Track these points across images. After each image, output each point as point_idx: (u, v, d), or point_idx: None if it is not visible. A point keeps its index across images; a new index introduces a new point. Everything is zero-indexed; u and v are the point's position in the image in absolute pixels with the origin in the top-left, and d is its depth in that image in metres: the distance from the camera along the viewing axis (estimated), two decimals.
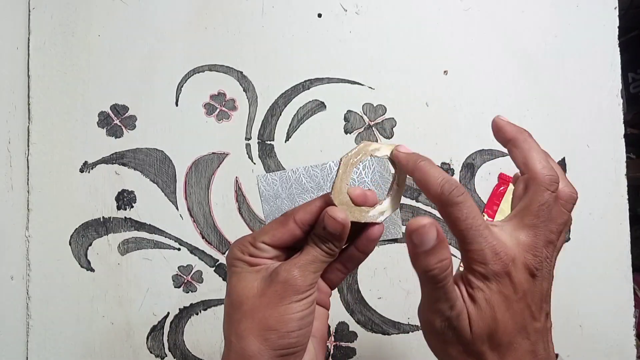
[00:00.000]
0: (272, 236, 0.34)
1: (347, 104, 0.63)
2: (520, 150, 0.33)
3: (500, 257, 0.29)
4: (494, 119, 0.35)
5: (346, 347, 0.61)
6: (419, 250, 0.29)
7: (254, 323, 0.32)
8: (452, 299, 0.29)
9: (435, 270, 0.29)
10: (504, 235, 0.30)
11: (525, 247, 0.30)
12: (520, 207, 0.31)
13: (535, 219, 0.30)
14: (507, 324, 0.29)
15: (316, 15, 0.63)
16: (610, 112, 0.62)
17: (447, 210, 0.30)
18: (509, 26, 0.63)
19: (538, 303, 0.30)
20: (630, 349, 0.60)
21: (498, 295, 0.29)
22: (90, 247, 0.62)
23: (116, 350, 0.61)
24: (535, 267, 0.30)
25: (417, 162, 0.32)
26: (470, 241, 0.29)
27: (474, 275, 0.30)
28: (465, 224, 0.29)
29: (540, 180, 0.31)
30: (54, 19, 0.63)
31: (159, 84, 0.63)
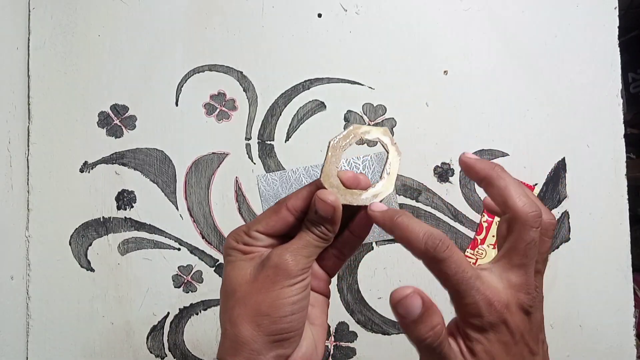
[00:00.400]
0: (266, 224, 0.34)
1: (347, 104, 0.63)
2: (496, 189, 0.32)
3: (495, 307, 0.29)
4: (460, 158, 0.33)
5: (346, 347, 0.61)
6: (407, 321, 0.29)
7: (246, 309, 0.32)
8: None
9: (429, 340, 0.28)
10: (494, 279, 0.30)
11: (517, 288, 0.30)
12: (507, 248, 0.31)
13: (523, 258, 0.30)
14: None
15: (316, 15, 0.63)
16: (610, 112, 0.62)
17: (435, 267, 0.29)
18: (509, 26, 0.63)
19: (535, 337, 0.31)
20: (630, 349, 0.60)
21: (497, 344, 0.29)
22: (90, 247, 0.62)
23: (116, 350, 0.61)
24: (529, 305, 0.30)
25: (394, 219, 0.31)
26: (463, 295, 0.29)
27: (471, 328, 0.29)
28: (455, 279, 0.29)
29: (525, 219, 0.30)
30: (54, 19, 0.63)
31: (159, 84, 0.63)
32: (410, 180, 0.62)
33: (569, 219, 0.61)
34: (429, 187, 0.62)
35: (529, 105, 0.62)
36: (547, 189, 0.62)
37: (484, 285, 0.29)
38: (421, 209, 0.62)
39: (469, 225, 0.61)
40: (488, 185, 0.32)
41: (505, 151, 0.62)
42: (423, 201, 0.62)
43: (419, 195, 0.62)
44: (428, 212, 0.62)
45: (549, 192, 0.62)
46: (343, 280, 0.61)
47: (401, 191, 0.62)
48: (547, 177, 0.62)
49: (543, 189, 0.62)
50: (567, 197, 0.62)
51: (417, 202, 0.62)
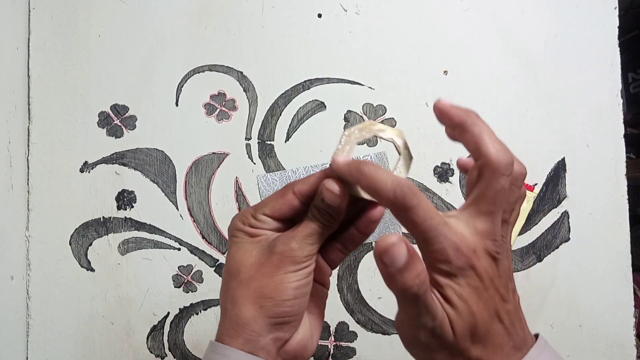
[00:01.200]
0: (272, 207, 0.34)
1: (347, 104, 0.63)
2: (470, 135, 0.31)
3: (462, 252, 0.29)
4: (435, 103, 0.33)
5: (346, 347, 0.61)
6: (392, 270, 0.28)
7: (249, 290, 0.32)
8: (433, 309, 0.29)
9: (415, 288, 0.28)
10: (461, 225, 0.30)
11: (483, 235, 0.30)
12: (475, 194, 0.30)
13: (491, 205, 0.30)
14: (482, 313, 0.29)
15: (316, 15, 0.63)
16: (610, 112, 0.62)
17: (402, 215, 0.29)
18: (509, 26, 0.63)
19: (505, 284, 0.30)
20: (630, 349, 0.60)
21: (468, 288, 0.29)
22: (90, 247, 0.62)
23: (116, 350, 0.61)
24: (496, 251, 0.30)
25: (361, 168, 0.31)
26: (431, 242, 0.29)
27: (440, 274, 0.29)
28: (424, 226, 0.29)
29: (496, 167, 0.30)
30: (54, 19, 0.63)
31: (159, 84, 0.63)
32: (410, 180, 0.62)
33: (569, 219, 0.61)
34: (429, 187, 0.62)
35: (529, 105, 0.62)
36: (547, 189, 0.62)
37: (451, 231, 0.29)
38: None
39: None
40: (462, 131, 0.32)
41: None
42: None
43: None
44: None
45: (549, 192, 0.62)
46: (343, 280, 0.61)
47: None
48: (547, 177, 0.62)
49: (543, 189, 0.62)
50: (567, 197, 0.62)
51: None
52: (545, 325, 0.60)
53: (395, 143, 0.35)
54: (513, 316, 0.30)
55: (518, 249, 0.61)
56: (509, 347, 0.30)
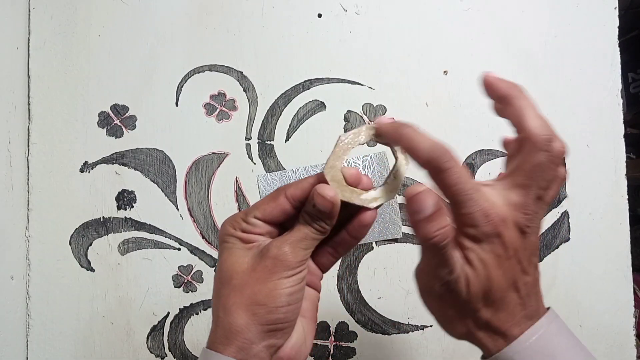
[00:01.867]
0: (263, 211, 0.34)
1: (347, 104, 0.63)
2: (514, 108, 0.32)
3: (491, 219, 0.29)
4: (484, 76, 0.34)
5: (346, 347, 0.61)
6: (419, 218, 0.29)
7: (242, 297, 0.32)
8: (451, 264, 0.30)
9: (437, 238, 0.29)
10: (495, 194, 0.31)
11: (515, 207, 0.30)
12: (514, 166, 0.31)
13: (527, 179, 0.30)
14: (500, 281, 0.30)
15: (316, 15, 0.63)
16: (610, 112, 0.62)
17: (437, 177, 0.30)
18: (509, 26, 0.63)
19: (528, 257, 0.31)
20: (630, 349, 0.60)
21: (490, 254, 0.30)
22: (90, 247, 0.62)
23: (116, 350, 0.61)
24: (526, 225, 0.30)
25: (401, 129, 0.32)
26: (461, 205, 0.29)
27: (467, 237, 0.30)
28: (456, 189, 0.29)
29: (536, 141, 0.30)
30: (54, 19, 0.63)
31: (159, 84, 0.63)
32: (410, 180, 0.62)
33: (569, 219, 0.61)
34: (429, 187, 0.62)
35: None
36: None
37: (483, 197, 0.30)
38: None
39: None
40: (507, 104, 0.33)
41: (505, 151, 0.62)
42: None
43: None
44: None
45: None
46: (343, 280, 0.61)
47: (401, 191, 0.62)
48: None
49: None
50: (567, 197, 0.62)
51: None
52: None
53: (392, 148, 0.35)
54: (530, 288, 0.31)
55: None
56: (521, 316, 0.31)
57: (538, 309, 0.32)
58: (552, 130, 0.32)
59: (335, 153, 0.34)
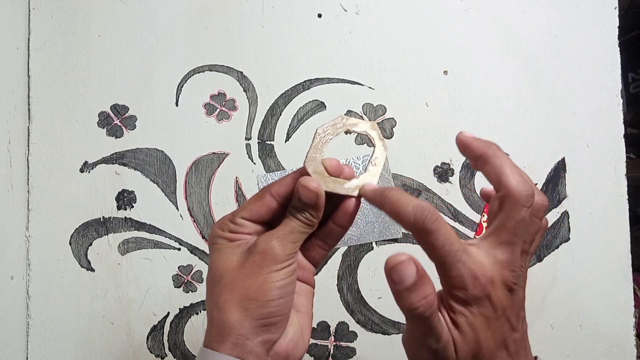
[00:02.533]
0: (250, 210, 0.34)
1: (347, 104, 0.63)
2: (491, 166, 0.32)
3: (480, 281, 0.29)
4: (458, 136, 0.34)
5: (346, 347, 0.61)
6: (400, 288, 0.29)
7: (233, 294, 0.32)
8: (438, 332, 0.29)
9: (421, 309, 0.28)
10: (481, 254, 0.30)
11: (502, 265, 0.30)
12: (496, 225, 0.31)
13: (512, 236, 0.30)
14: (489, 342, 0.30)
15: (316, 15, 0.63)
16: (610, 112, 0.62)
17: (423, 239, 0.30)
18: (509, 26, 0.63)
19: (516, 314, 0.31)
20: (630, 349, 0.60)
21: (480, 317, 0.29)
22: (90, 247, 0.62)
23: (116, 350, 0.61)
24: (513, 282, 0.30)
25: (385, 194, 0.32)
26: (449, 268, 0.29)
27: (455, 301, 0.30)
28: (443, 251, 0.29)
29: (517, 198, 0.30)
30: (54, 19, 0.63)
31: (159, 84, 0.63)
32: (410, 180, 0.62)
33: (569, 219, 0.61)
34: (429, 187, 0.62)
35: (529, 105, 0.62)
36: (547, 189, 0.62)
37: (470, 259, 0.29)
38: None
39: (469, 225, 0.61)
40: (484, 163, 0.32)
41: (505, 151, 0.62)
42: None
43: (419, 195, 0.62)
44: None
45: (549, 192, 0.62)
46: (343, 280, 0.61)
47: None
48: (547, 177, 0.62)
49: (543, 189, 0.62)
50: (567, 197, 0.62)
51: None
52: (545, 325, 0.60)
53: (370, 135, 0.36)
54: (519, 344, 0.31)
55: None
56: None
57: None
58: (532, 185, 0.31)
59: (314, 146, 0.34)
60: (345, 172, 0.34)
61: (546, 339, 0.60)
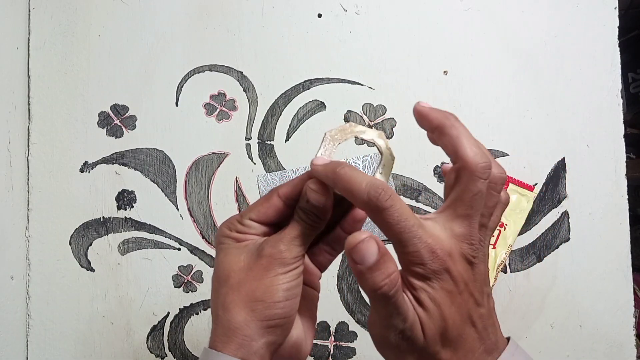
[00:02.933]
0: (258, 212, 0.34)
1: (347, 104, 0.63)
2: (448, 137, 0.31)
3: (437, 255, 0.28)
4: (415, 106, 0.33)
5: (346, 347, 0.61)
6: (362, 268, 0.28)
7: (240, 295, 0.32)
8: (404, 311, 0.29)
9: (385, 287, 0.28)
10: (438, 228, 0.30)
11: (460, 238, 0.29)
12: (453, 198, 0.30)
13: (468, 209, 0.29)
14: (455, 317, 0.29)
15: (316, 15, 0.63)
16: (610, 112, 0.62)
17: (378, 216, 0.29)
18: (509, 26, 0.63)
19: (480, 288, 0.30)
20: (630, 349, 0.60)
21: (441, 292, 0.29)
22: (90, 247, 0.62)
23: (116, 350, 0.61)
24: (472, 255, 0.29)
25: (336, 170, 0.31)
26: (406, 244, 0.28)
27: (415, 277, 0.29)
28: (398, 228, 0.28)
29: (473, 170, 0.29)
30: (54, 19, 0.63)
31: (159, 84, 0.63)
32: (410, 180, 0.62)
33: (569, 219, 0.61)
34: (429, 187, 0.62)
35: (529, 105, 0.62)
36: (547, 189, 0.62)
37: (427, 233, 0.29)
38: (421, 209, 0.62)
39: None
40: (440, 134, 0.32)
41: (505, 151, 0.62)
42: (423, 201, 0.62)
43: (419, 195, 0.62)
44: (428, 212, 0.62)
45: (549, 192, 0.62)
46: (343, 280, 0.61)
47: (401, 191, 0.62)
48: (547, 177, 0.62)
49: (543, 189, 0.62)
50: (567, 197, 0.62)
51: (417, 202, 0.62)
52: (545, 325, 0.60)
53: (377, 144, 0.35)
54: (486, 320, 0.30)
55: (518, 249, 0.61)
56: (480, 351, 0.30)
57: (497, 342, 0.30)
58: (489, 157, 0.31)
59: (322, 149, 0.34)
60: None
61: (546, 339, 0.60)
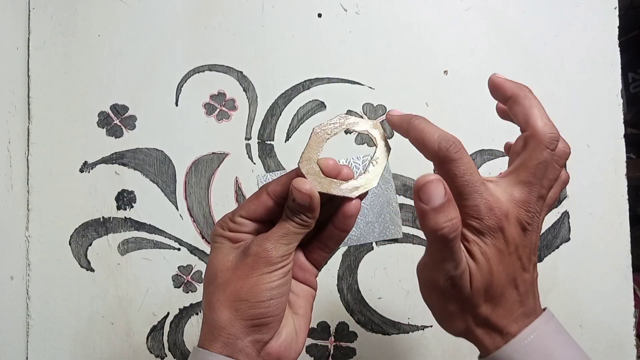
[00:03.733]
0: (248, 209, 0.34)
1: (347, 104, 0.63)
2: (521, 107, 0.32)
3: (495, 213, 0.30)
4: (491, 77, 0.34)
5: (346, 347, 0.61)
6: (427, 208, 0.29)
7: (225, 294, 0.32)
8: (458, 258, 0.30)
9: (445, 229, 0.29)
10: (499, 190, 0.31)
11: (518, 203, 0.31)
12: (517, 163, 0.32)
13: (531, 176, 0.31)
14: (501, 276, 0.30)
15: (316, 15, 0.63)
16: (610, 112, 0.62)
17: (445, 167, 0.30)
18: (509, 26, 0.63)
19: (528, 255, 0.31)
20: (630, 349, 0.60)
21: (493, 248, 0.30)
22: (90, 247, 0.62)
23: (116, 350, 0.61)
24: (527, 222, 0.31)
25: (412, 121, 0.33)
26: (467, 197, 0.30)
27: (469, 230, 0.30)
28: (462, 180, 0.30)
29: (541, 138, 0.31)
30: (54, 19, 0.63)
31: (159, 84, 0.63)
32: (410, 180, 0.62)
33: (569, 219, 0.61)
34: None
35: None
36: None
37: (488, 191, 0.30)
38: None
39: None
40: (514, 103, 0.33)
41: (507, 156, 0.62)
42: None
43: None
44: None
45: None
46: (343, 280, 0.61)
47: (401, 191, 0.62)
48: None
49: None
50: (567, 197, 0.62)
51: None
52: None
53: (371, 135, 0.35)
54: (528, 286, 0.31)
55: None
56: (519, 313, 0.31)
57: (535, 308, 0.32)
58: (558, 131, 0.32)
59: (310, 145, 0.33)
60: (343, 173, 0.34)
61: None
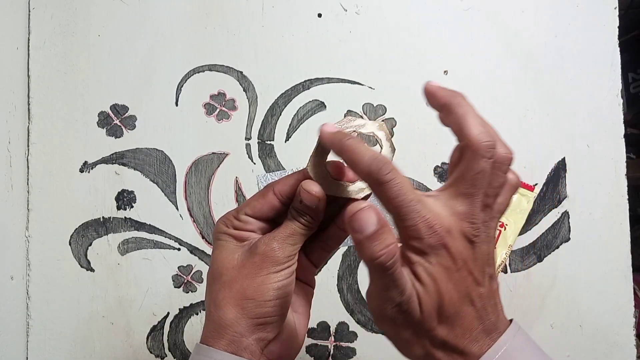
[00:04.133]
0: (253, 207, 0.34)
1: (347, 104, 0.63)
2: (454, 116, 0.31)
3: (435, 230, 0.28)
4: (425, 85, 0.33)
5: (346, 347, 0.61)
6: (361, 237, 0.28)
7: (232, 292, 0.32)
8: (401, 284, 0.29)
9: (382, 257, 0.28)
10: (439, 205, 0.30)
11: (461, 216, 0.29)
12: (455, 176, 0.30)
13: (471, 187, 0.29)
14: (452, 294, 0.29)
15: (316, 15, 0.63)
16: (610, 112, 0.62)
17: (378, 190, 0.29)
18: (509, 26, 0.63)
19: (480, 268, 0.30)
20: (630, 349, 0.60)
21: (438, 267, 0.29)
22: (90, 247, 0.62)
23: (116, 350, 0.61)
24: (473, 234, 0.29)
25: (343, 140, 0.31)
26: (404, 218, 0.28)
27: (412, 251, 0.29)
28: (397, 202, 0.28)
29: (477, 148, 0.29)
30: (54, 19, 0.63)
31: (159, 84, 0.63)
32: (410, 180, 0.62)
33: (569, 219, 0.61)
34: (429, 187, 0.62)
35: (529, 105, 0.62)
36: (547, 189, 0.62)
37: (426, 209, 0.29)
38: None
39: None
40: (447, 112, 0.32)
41: None
42: None
43: None
44: None
45: (549, 192, 0.62)
46: (343, 280, 0.61)
47: None
48: (547, 177, 0.62)
49: (543, 189, 0.62)
50: (567, 197, 0.62)
51: None
52: (545, 325, 0.60)
53: (377, 136, 0.35)
54: (486, 300, 0.30)
55: (518, 249, 0.61)
56: (478, 331, 0.29)
57: (497, 323, 0.30)
58: (495, 136, 0.30)
59: (317, 148, 0.34)
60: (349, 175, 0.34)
61: (546, 339, 0.60)
